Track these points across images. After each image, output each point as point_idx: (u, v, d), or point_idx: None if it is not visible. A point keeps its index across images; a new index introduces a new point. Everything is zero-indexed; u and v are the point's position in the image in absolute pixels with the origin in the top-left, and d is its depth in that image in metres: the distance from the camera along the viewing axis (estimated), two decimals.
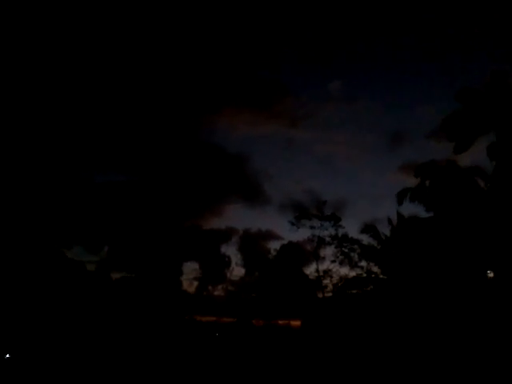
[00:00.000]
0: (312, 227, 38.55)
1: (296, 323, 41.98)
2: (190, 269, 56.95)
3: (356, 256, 34.75)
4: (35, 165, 39.23)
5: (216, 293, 52.77)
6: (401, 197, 23.71)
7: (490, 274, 21.49)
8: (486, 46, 51.80)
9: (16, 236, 32.99)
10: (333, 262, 37.29)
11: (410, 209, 24.67)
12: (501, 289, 20.06)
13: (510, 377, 16.53)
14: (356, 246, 34.43)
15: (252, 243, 52.22)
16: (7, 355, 21.78)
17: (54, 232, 39.43)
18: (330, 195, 72.88)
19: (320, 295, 38.45)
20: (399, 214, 24.71)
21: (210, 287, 52.59)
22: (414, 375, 18.77)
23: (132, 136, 53.02)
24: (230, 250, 64.67)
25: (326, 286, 38.17)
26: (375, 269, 27.43)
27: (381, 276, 26.17)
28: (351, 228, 37.90)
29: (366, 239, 27.93)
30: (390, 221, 25.26)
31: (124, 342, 30.37)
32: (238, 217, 76.03)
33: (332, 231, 37.77)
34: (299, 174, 74.18)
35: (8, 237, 32.19)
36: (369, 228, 26.12)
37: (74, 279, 34.54)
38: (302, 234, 40.37)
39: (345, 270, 36.21)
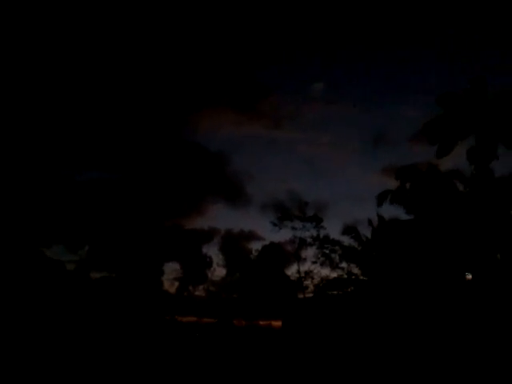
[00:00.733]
0: (294, 228, 38.75)
1: (277, 323, 42.07)
2: (171, 269, 56.60)
3: (337, 257, 34.91)
4: (14, 162, 38.63)
5: (197, 293, 52.66)
6: (381, 199, 23.96)
7: (468, 276, 21.84)
8: (470, 50, 52.58)
9: None
10: (314, 263, 37.48)
11: (390, 211, 24.94)
12: (479, 291, 20.41)
13: (488, 377, 16.84)
14: (337, 248, 34.57)
15: (234, 243, 52.17)
16: None
17: (33, 231, 38.89)
18: (313, 196, 73.15)
19: (301, 296, 38.66)
20: (379, 216, 24.90)
21: (190, 287, 52.39)
22: (394, 375, 18.97)
23: (113, 134, 52.51)
24: (212, 251, 64.31)
25: (306, 287, 38.39)
26: (356, 270, 27.56)
27: (361, 277, 26.33)
28: (333, 229, 38.00)
29: (347, 240, 28.06)
30: (370, 222, 25.44)
31: (104, 343, 30.09)
32: (220, 217, 75.79)
33: (314, 232, 37.98)
34: (282, 175, 74.12)
35: None
36: (350, 229, 26.25)
37: (53, 279, 34.13)
38: (283, 235, 40.54)
39: (326, 271, 36.40)
